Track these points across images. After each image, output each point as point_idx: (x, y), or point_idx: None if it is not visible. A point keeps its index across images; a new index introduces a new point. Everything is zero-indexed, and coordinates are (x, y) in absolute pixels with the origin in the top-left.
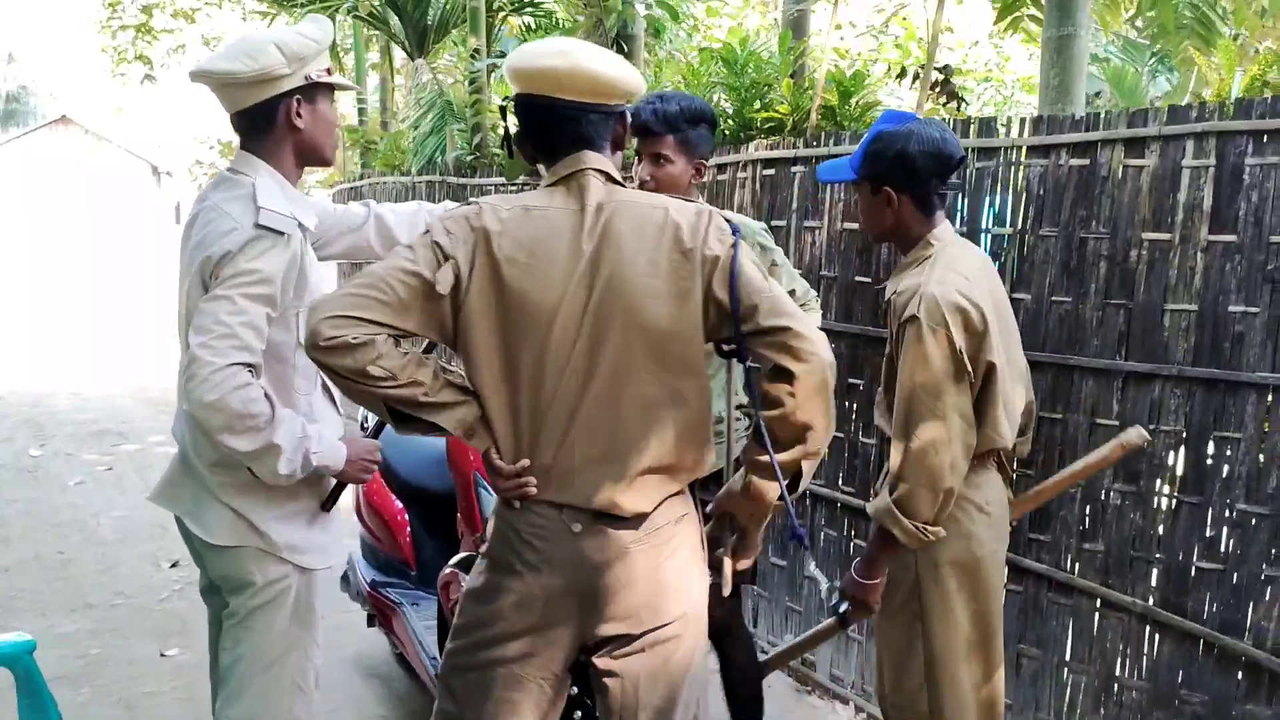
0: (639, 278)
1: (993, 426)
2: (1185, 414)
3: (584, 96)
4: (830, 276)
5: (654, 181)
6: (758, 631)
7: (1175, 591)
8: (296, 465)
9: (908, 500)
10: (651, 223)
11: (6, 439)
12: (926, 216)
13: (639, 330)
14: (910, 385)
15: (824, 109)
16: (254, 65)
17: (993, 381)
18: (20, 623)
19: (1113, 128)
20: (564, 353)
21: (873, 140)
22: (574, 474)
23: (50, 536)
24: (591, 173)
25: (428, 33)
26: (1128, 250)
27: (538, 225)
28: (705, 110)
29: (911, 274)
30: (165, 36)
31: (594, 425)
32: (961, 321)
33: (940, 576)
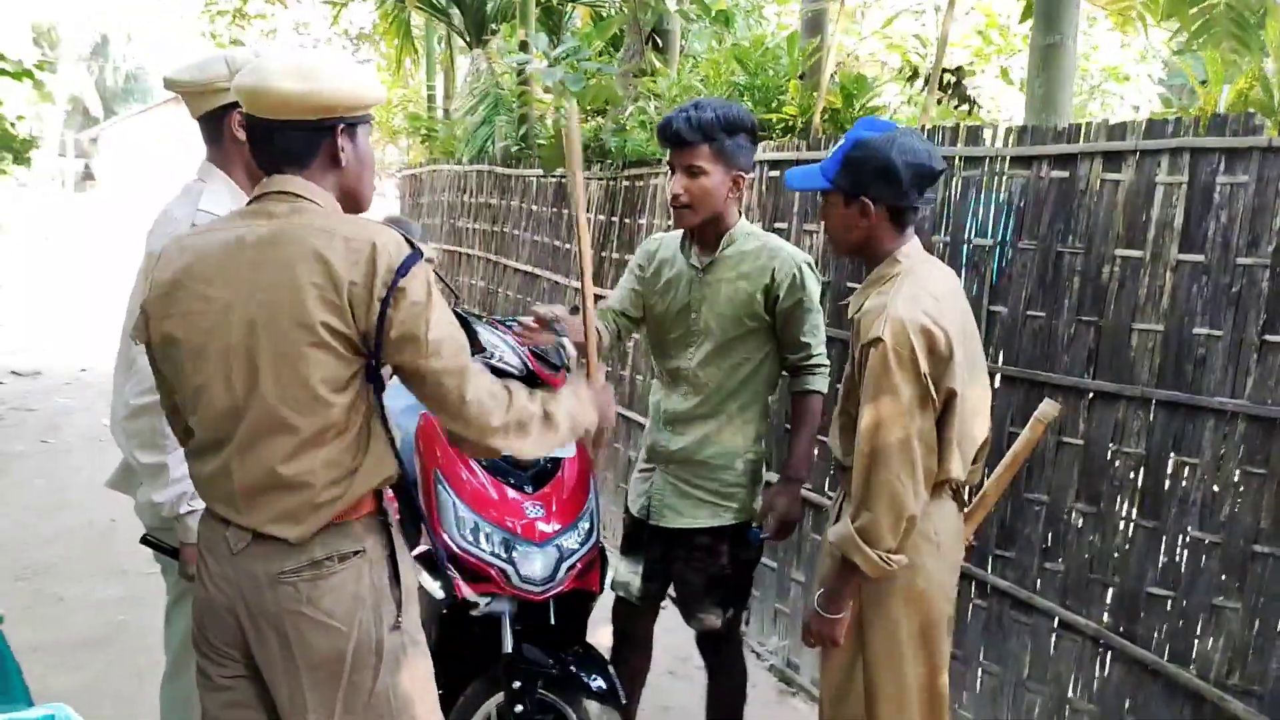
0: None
1: (947, 457)
2: (1147, 435)
3: (275, 113)
4: (825, 281)
5: (687, 195)
6: (748, 631)
7: (1128, 616)
8: (168, 500)
9: (871, 529)
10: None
11: (85, 409)
12: (899, 231)
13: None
14: (875, 411)
15: (828, 111)
16: (200, 76)
17: (952, 410)
18: (59, 586)
19: (1093, 140)
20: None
21: (852, 147)
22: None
23: (105, 505)
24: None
25: (485, 23)
26: (1101, 266)
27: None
28: (745, 118)
29: (878, 292)
30: (258, 21)
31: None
32: (927, 344)
33: (884, 608)
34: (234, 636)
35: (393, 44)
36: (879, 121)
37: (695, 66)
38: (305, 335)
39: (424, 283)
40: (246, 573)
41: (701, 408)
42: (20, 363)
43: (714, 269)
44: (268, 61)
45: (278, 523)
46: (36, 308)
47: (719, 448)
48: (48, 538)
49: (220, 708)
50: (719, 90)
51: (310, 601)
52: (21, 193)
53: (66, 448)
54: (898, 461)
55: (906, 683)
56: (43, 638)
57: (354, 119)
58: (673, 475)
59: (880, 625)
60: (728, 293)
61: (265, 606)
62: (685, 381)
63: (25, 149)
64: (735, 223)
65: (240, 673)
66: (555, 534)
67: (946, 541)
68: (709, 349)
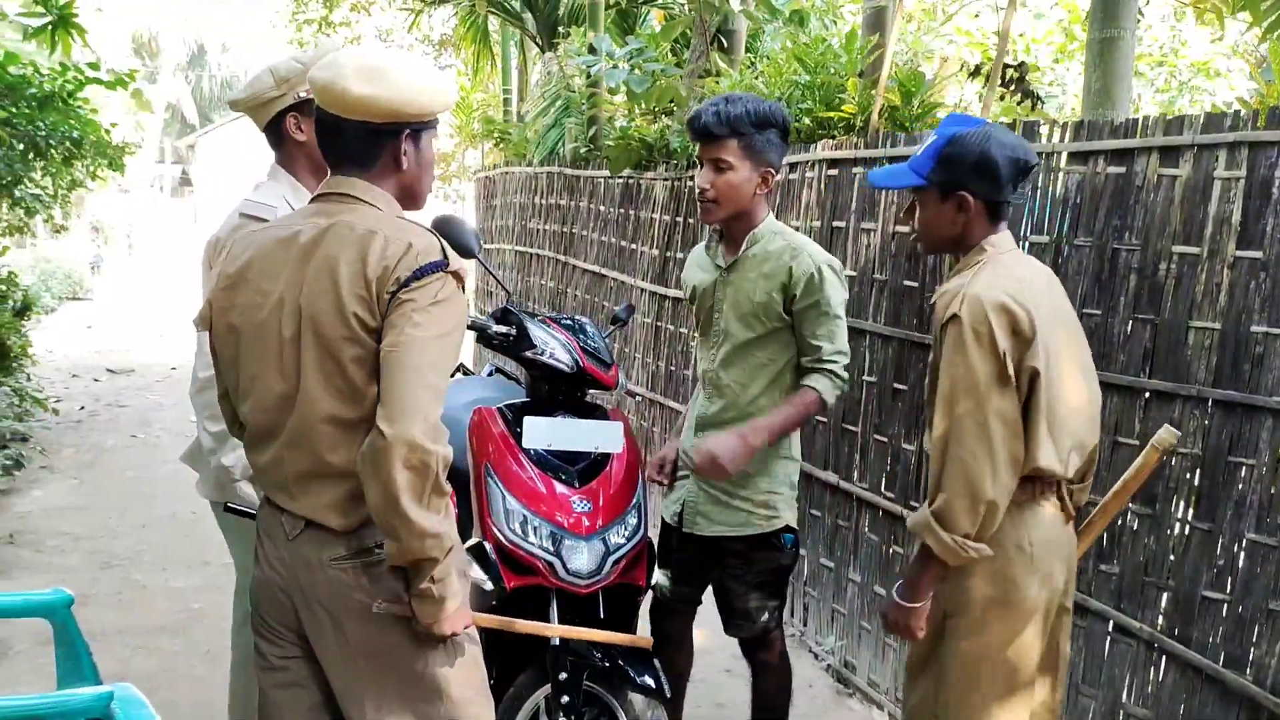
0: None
1: (1034, 442)
2: (1203, 436)
3: (345, 112)
4: (881, 280)
5: (713, 190)
6: (806, 630)
7: (1183, 620)
8: (240, 464)
9: (945, 511)
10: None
11: (174, 405)
12: (993, 225)
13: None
14: (949, 388)
15: (887, 109)
16: (250, 93)
17: (1037, 393)
18: (141, 574)
19: (1150, 134)
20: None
21: (948, 143)
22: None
23: (189, 496)
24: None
25: (557, 26)
26: (1157, 263)
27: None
28: (775, 114)
29: (958, 277)
30: (343, 29)
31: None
32: (1007, 323)
33: (971, 618)
34: (289, 618)
35: (470, 49)
36: (968, 117)
37: (758, 66)
38: (342, 328)
39: (433, 292)
40: (301, 557)
41: (727, 412)
42: (115, 361)
43: (737, 268)
44: (343, 60)
45: (325, 511)
46: (132, 308)
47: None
48: (134, 528)
49: (274, 687)
50: (780, 89)
51: (361, 588)
52: (123, 199)
53: (155, 442)
54: (971, 438)
55: (987, 707)
56: (126, 622)
57: (420, 124)
58: (705, 483)
59: (962, 637)
60: (747, 292)
61: (318, 590)
62: (711, 384)
63: (120, 155)
64: (762, 221)
65: (295, 653)
66: (602, 528)
67: (1040, 552)
68: (729, 350)
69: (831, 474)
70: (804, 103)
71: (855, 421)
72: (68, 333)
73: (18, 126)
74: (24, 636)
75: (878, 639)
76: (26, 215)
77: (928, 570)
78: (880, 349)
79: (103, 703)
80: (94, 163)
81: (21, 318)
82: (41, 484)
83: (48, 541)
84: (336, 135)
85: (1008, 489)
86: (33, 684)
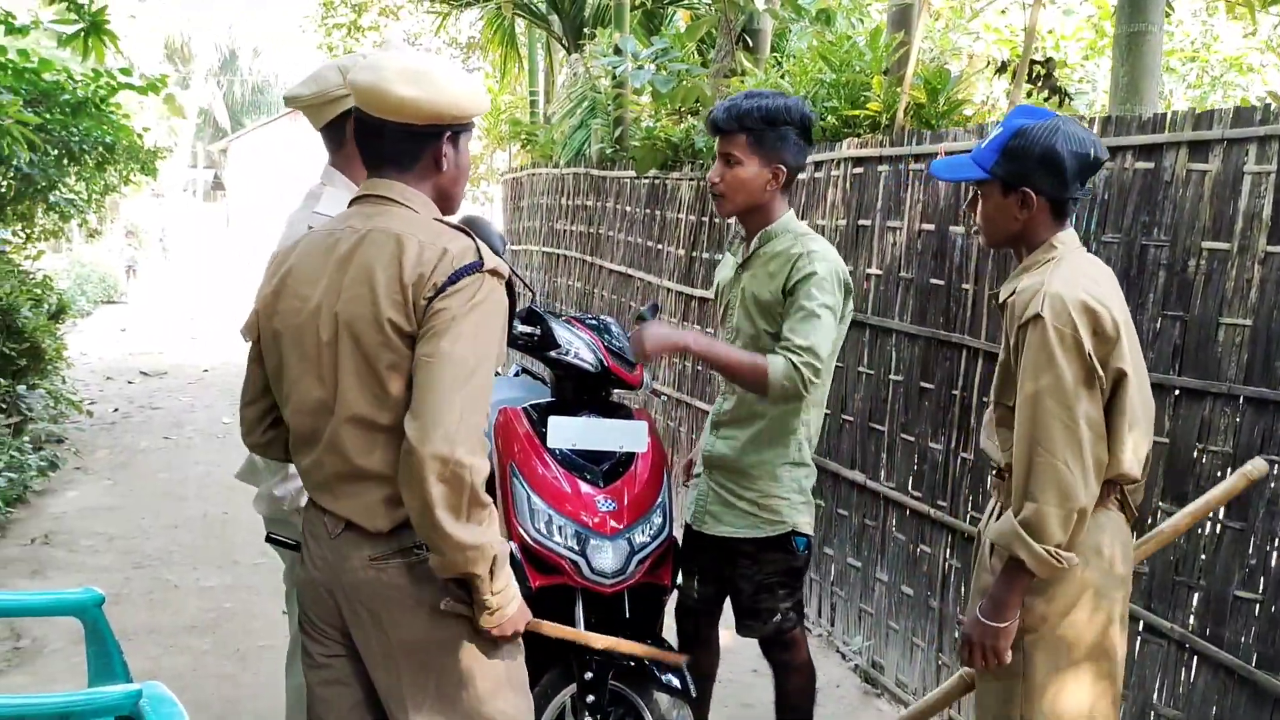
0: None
1: (1120, 445)
2: (1234, 434)
3: (388, 114)
4: (907, 278)
5: (722, 184)
6: (834, 630)
7: (1214, 620)
8: (289, 495)
9: (1037, 521)
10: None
11: (206, 407)
12: (1058, 222)
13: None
14: (1035, 392)
15: (912, 106)
16: (315, 89)
17: (1123, 393)
18: (173, 573)
19: (1178, 129)
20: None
21: (1013, 136)
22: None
23: (220, 497)
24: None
25: (583, 28)
26: (1186, 259)
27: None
28: (790, 110)
29: (1032, 275)
30: (371, 33)
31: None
32: (1090, 323)
33: (1047, 630)
34: (333, 616)
35: (498, 51)
36: (1037, 109)
37: (783, 65)
38: (378, 335)
39: (469, 294)
40: (342, 556)
41: (739, 410)
42: (148, 364)
43: (749, 265)
44: (385, 62)
45: (363, 513)
46: (166, 312)
47: (758, 456)
48: (166, 528)
49: (320, 684)
50: (805, 88)
51: (401, 587)
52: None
53: (187, 444)
54: (1063, 445)
55: (1065, 711)
56: (157, 621)
57: (460, 127)
58: (716, 482)
59: (1044, 650)
60: (755, 290)
61: (360, 589)
62: (725, 382)
63: (151, 159)
64: (777, 219)
65: (339, 651)
66: (627, 527)
67: (1118, 556)
68: (740, 346)
69: (858, 473)
70: (829, 101)
71: (882, 420)
72: (102, 336)
73: (52, 132)
74: (59, 635)
75: (905, 639)
76: (61, 220)
77: (1017, 584)
78: (906, 347)
79: (132, 700)
80: (126, 167)
81: (57, 321)
82: (76, 485)
83: (81, 541)
84: (377, 137)
85: (1094, 494)
86: (66, 682)
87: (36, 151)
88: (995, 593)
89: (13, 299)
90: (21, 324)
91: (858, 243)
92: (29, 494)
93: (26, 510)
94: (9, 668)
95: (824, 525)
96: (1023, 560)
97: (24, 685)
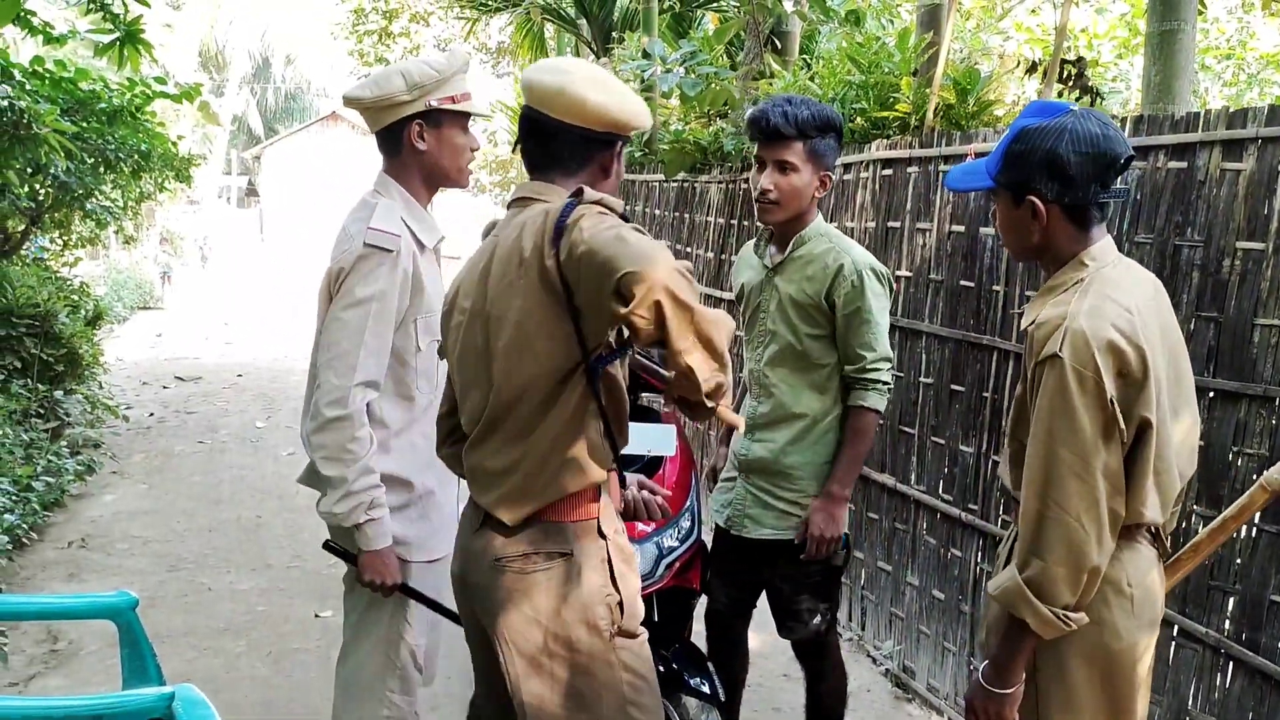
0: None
1: (1138, 498)
2: (1269, 436)
3: (573, 118)
4: (937, 280)
5: (776, 192)
6: (864, 635)
7: (1250, 625)
8: (346, 511)
9: (1043, 581)
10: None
11: (240, 411)
12: (1082, 231)
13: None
14: (1048, 439)
15: (942, 107)
16: (378, 91)
17: (1146, 443)
18: (207, 576)
19: (1212, 128)
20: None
21: (1014, 138)
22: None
23: (253, 501)
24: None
25: (611, 31)
26: (1220, 260)
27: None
28: (835, 119)
29: (1056, 300)
30: (402, 39)
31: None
32: (1115, 365)
33: (1065, 672)
34: (467, 605)
35: (527, 55)
36: (1052, 105)
37: (811, 67)
38: (518, 332)
39: (582, 216)
40: (475, 552)
41: (775, 413)
42: (184, 369)
43: (783, 269)
44: (570, 66)
45: (496, 505)
46: (201, 317)
47: (798, 457)
48: (200, 532)
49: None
50: (834, 89)
51: (517, 591)
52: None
53: (221, 447)
54: (1076, 502)
55: None
56: (191, 623)
57: (627, 138)
58: (753, 485)
59: (1058, 695)
60: (793, 294)
61: (484, 587)
62: (758, 384)
63: (186, 167)
64: (811, 223)
65: (476, 637)
66: (655, 531)
67: (1141, 595)
68: (775, 351)
69: (889, 476)
70: (858, 103)
71: (912, 424)
72: (138, 341)
73: (88, 141)
74: (94, 638)
75: (936, 643)
76: (98, 227)
77: (1021, 647)
78: (937, 350)
79: (164, 703)
80: (161, 175)
81: (94, 327)
82: (112, 488)
83: (117, 545)
84: (550, 139)
85: (1109, 551)
86: (101, 684)
87: (73, 160)
88: (998, 656)
89: (50, 305)
90: (59, 330)
91: (887, 244)
92: (66, 498)
93: (64, 514)
94: (46, 670)
95: (854, 529)
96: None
97: (60, 687)
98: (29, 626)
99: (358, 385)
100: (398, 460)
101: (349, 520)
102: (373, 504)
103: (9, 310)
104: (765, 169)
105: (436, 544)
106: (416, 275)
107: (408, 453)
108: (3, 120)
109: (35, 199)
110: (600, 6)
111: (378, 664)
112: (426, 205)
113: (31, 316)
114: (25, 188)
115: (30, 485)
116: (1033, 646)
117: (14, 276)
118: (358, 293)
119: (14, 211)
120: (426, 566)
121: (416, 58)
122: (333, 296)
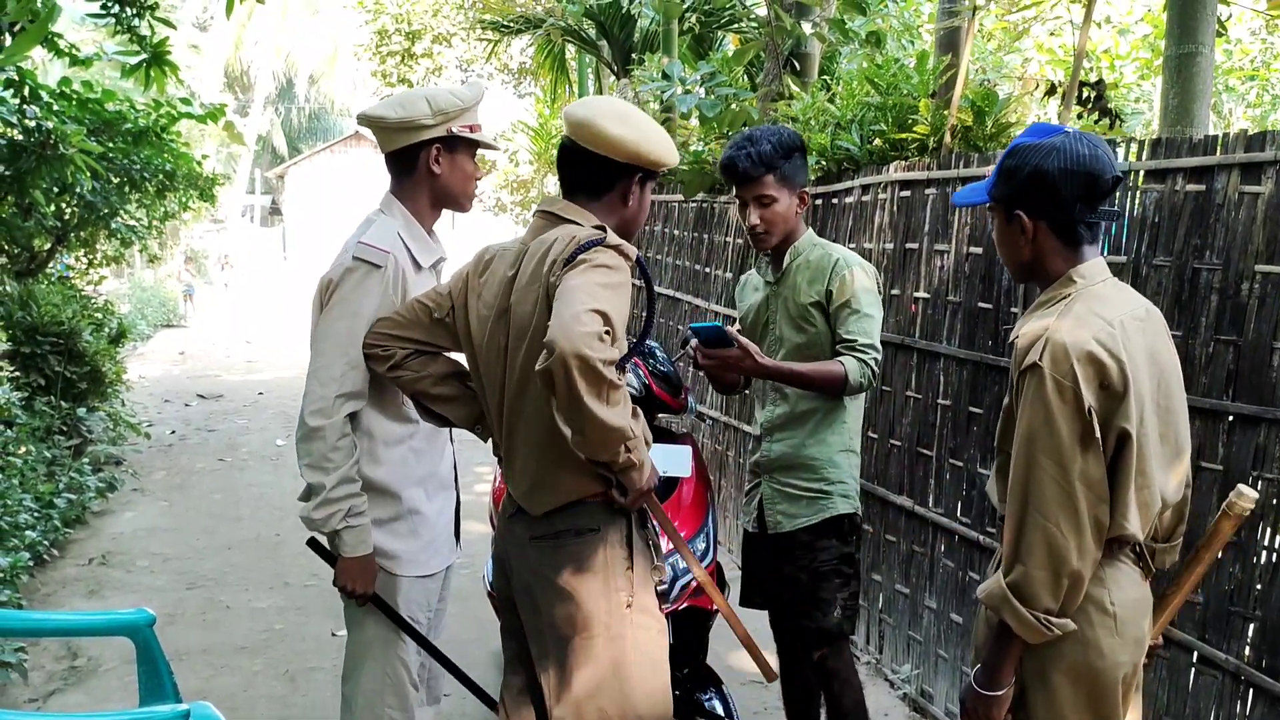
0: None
1: (1119, 510)
2: None
3: (597, 147)
4: (955, 302)
5: (763, 224)
6: (882, 658)
7: (1270, 651)
8: (323, 517)
9: (1025, 585)
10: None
11: (260, 429)
12: (1070, 250)
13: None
14: (1029, 447)
15: (960, 129)
16: (402, 113)
17: (1126, 455)
18: (225, 594)
19: (1230, 151)
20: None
21: (1008, 155)
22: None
23: (273, 519)
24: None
25: (631, 52)
26: (1239, 283)
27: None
28: (795, 139)
29: (1042, 314)
30: (425, 60)
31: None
32: (1095, 375)
33: (1050, 690)
34: (506, 590)
35: (548, 76)
36: (1049, 126)
37: (830, 88)
38: (529, 332)
39: (597, 260)
40: (513, 533)
41: (790, 413)
42: (205, 387)
43: (784, 280)
44: (598, 103)
45: (525, 498)
46: (223, 336)
47: (818, 448)
48: (219, 549)
49: (508, 661)
50: (852, 110)
51: (552, 567)
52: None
53: (241, 465)
54: (1054, 505)
55: None
56: (209, 641)
57: (650, 172)
58: (778, 483)
59: (1044, 712)
60: (796, 300)
61: (521, 565)
62: (773, 389)
63: (210, 186)
64: (801, 235)
65: (513, 625)
66: (670, 552)
67: (1125, 614)
68: (783, 354)
69: (906, 499)
70: (876, 124)
71: (930, 446)
72: (161, 359)
73: (114, 161)
74: (113, 655)
75: (954, 667)
76: (123, 246)
77: (1009, 651)
78: (955, 372)
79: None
80: (186, 194)
81: (117, 345)
82: (133, 506)
83: (138, 562)
84: (578, 165)
85: (1094, 558)
86: (119, 701)
87: (99, 179)
88: (987, 659)
89: (74, 323)
90: (83, 348)
91: (905, 266)
92: (88, 514)
93: (85, 530)
94: (66, 686)
95: (872, 551)
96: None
97: (79, 704)
98: (49, 643)
99: (339, 396)
100: (388, 470)
101: (326, 526)
102: (350, 512)
103: (34, 328)
104: (748, 206)
105: (428, 560)
106: (405, 293)
107: (397, 465)
108: (30, 140)
109: (61, 218)
110: (621, 28)
111: (376, 681)
112: (430, 226)
113: (56, 334)
114: (52, 207)
115: (52, 502)
116: (1020, 650)
117: (39, 295)
118: (342, 305)
119: (40, 230)
120: (417, 582)
121: (439, 85)
122: (322, 303)
